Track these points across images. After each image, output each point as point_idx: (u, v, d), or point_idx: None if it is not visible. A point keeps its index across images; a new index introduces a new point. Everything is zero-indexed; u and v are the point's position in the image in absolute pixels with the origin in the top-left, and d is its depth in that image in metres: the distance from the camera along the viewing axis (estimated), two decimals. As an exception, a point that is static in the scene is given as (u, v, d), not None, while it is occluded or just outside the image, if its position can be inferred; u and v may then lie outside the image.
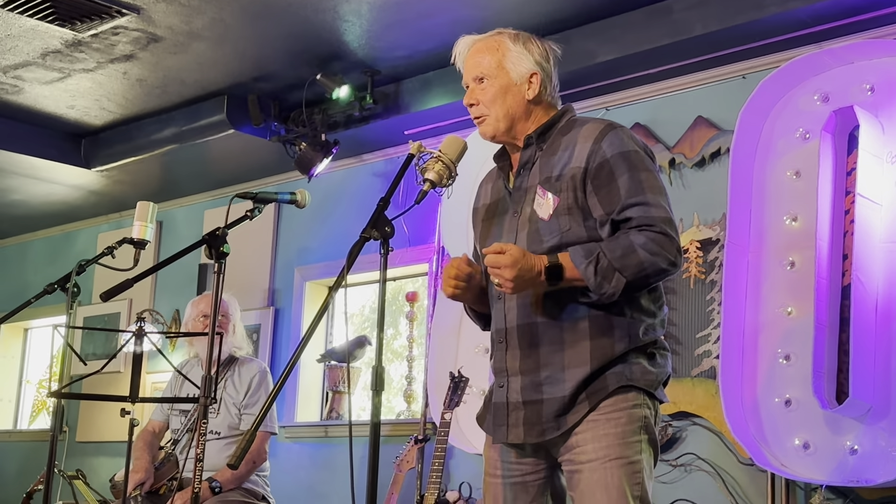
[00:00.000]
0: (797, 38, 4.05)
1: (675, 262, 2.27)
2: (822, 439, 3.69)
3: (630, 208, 2.29)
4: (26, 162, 6.12)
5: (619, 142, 2.35)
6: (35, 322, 7.70)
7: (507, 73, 2.47)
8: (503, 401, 2.41)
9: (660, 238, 2.25)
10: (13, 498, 6.60)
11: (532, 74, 2.46)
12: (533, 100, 2.46)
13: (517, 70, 2.46)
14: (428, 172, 2.43)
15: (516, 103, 2.47)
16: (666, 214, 2.29)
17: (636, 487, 2.27)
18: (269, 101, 5.33)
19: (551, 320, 2.34)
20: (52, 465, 3.12)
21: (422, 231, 5.21)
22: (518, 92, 2.46)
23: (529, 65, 2.46)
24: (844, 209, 3.85)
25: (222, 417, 4.20)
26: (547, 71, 2.48)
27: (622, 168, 2.31)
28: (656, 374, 2.34)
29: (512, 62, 2.47)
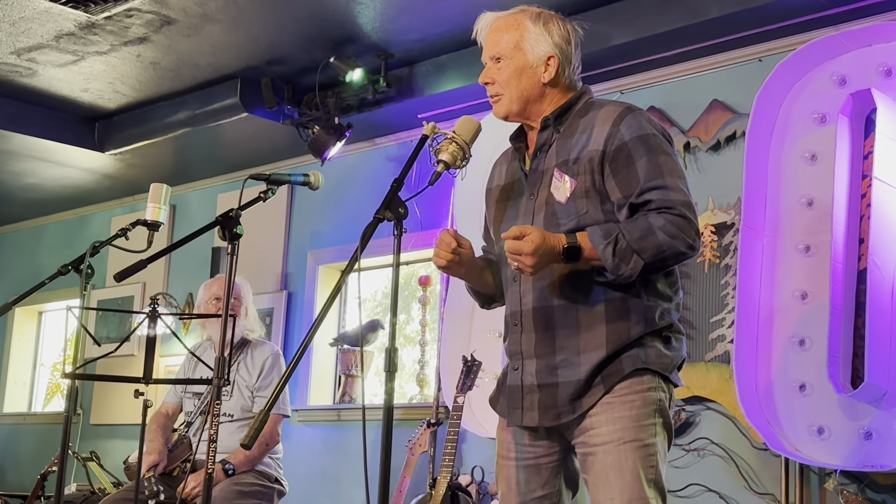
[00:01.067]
0: (814, 20, 4.02)
1: (693, 245, 2.25)
2: (837, 424, 3.67)
3: (649, 192, 2.27)
4: (40, 145, 6.13)
5: (637, 125, 2.33)
6: (49, 305, 7.74)
7: (525, 55, 2.43)
8: (518, 384, 2.40)
9: (679, 221, 2.23)
10: (28, 479, 6.64)
11: (549, 57, 2.42)
12: (549, 82, 2.43)
13: (534, 52, 2.42)
14: (442, 154, 2.42)
15: (531, 85, 2.43)
16: (685, 198, 2.27)
17: (650, 470, 2.26)
18: (282, 85, 5.32)
19: (568, 303, 2.33)
20: (66, 447, 3.12)
21: (435, 214, 5.20)
22: (534, 74, 2.43)
23: (547, 47, 2.42)
24: (861, 193, 3.82)
25: (235, 400, 4.21)
26: (566, 53, 2.43)
27: (640, 151, 2.29)
28: (671, 358, 2.33)
29: (530, 43, 2.43)
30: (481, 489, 4.68)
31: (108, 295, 6.90)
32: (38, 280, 3.45)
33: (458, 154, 2.43)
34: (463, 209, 4.87)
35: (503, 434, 2.48)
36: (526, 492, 2.41)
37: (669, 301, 2.36)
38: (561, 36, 2.44)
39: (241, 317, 4.31)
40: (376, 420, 5.05)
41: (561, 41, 2.43)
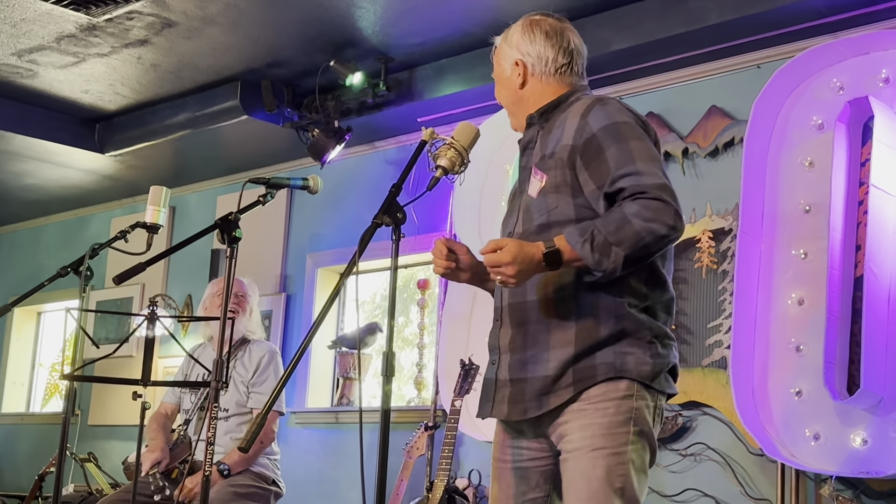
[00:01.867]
0: (813, 27, 4.03)
1: (674, 226, 2.17)
2: (833, 430, 3.68)
3: (621, 179, 2.23)
4: (40, 146, 6.14)
5: (604, 115, 2.31)
6: (48, 306, 7.75)
7: (502, 70, 2.55)
8: (493, 377, 2.41)
9: (654, 204, 2.17)
10: (25, 479, 6.64)
11: (515, 63, 2.50)
12: (523, 86, 2.50)
13: (506, 64, 2.53)
14: (440, 159, 2.43)
15: (511, 93, 2.54)
16: (659, 180, 2.21)
17: (618, 479, 2.21)
18: (282, 88, 5.33)
19: (542, 299, 2.32)
20: (64, 448, 3.13)
21: (434, 218, 5.21)
22: (510, 83, 2.53)
23: (513, 53, 2.51)
24: (858, 200, 3.83)
25: (230, 395, 4.22)
26: (534, 54, 2.47)
27: (609, 140, 2.27)
28: (653, 365, 2.28)
29: (502, 57, 2.54)
30: (478, 493, 4.69)
31: (106, 296, 6.91)
32: (36, 281, 3.46)
33: (457, 160, 2.44)
34: (461, 214, 4.88)
35: (498, 436, 2.49)
36: (517, 494, 2.40)
37: (645, 299, 2.30)
38: (522, 37, 2.50)
39: (245, 315, 4.33)
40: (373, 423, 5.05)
41: (522, 42, 2.50)
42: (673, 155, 4.45)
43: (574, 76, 2.50)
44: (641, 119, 2.36)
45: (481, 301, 4.84)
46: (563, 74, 2.48)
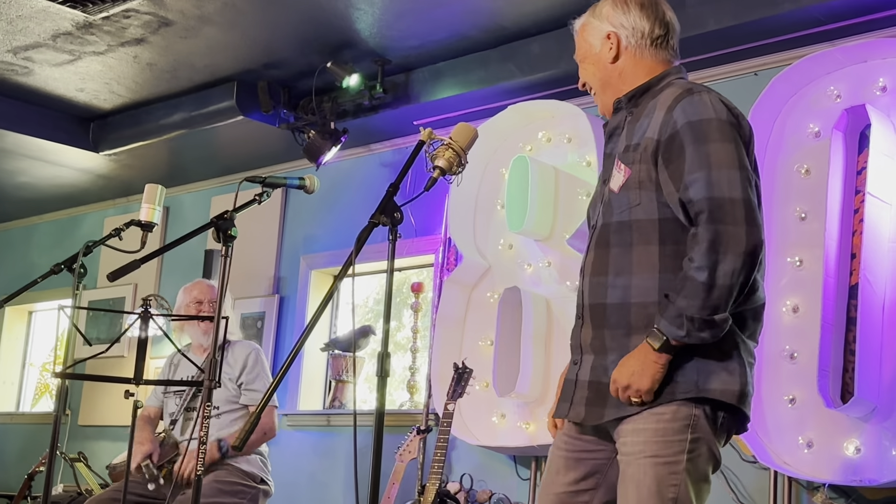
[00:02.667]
0: (810, 35, 4.04)
1: (747, 251, 2.05)
2: (826, 438, 3.68)
3: (691, 187, 2.12)
4: (34, 144, 6.12)
5: (692, 110, 2.18)
6: (39, 305, 7.72)
7: (591, 47, 2.42)
8: (573, 378, 2.34)
9: (717, 235, 2.06)
10: (14, 479, 6.61)
11: (607, 35, 2.38)
12: (615, 60, 2.38)
13: (595, 38, 2.40)
14: (438, 160, 2.43)
15: (601, 70, 2.40)
16: (725, 194, 2.08)
17: (671, 489, 2.13)
18: (278, 88, 5.32)
19: (620, 303, 2.24)
20: (54, 447, 3.11)
21: (428, 221, 5.20)
22: (599, 59, 2.40)
23: (604, 27, 2.39)
24: (854, 208, 3.83)
25: (220, 392, 4.20)
26: (629, 26, 2.36)
27: (690, 139, 2.16)
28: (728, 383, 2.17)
29: (590, 33, 2.42)
30: (470, 497, 4.68)
31: (99, 295, 6.89)
32: (28, 279, 3.44)
33: (455, 160, 2.44)
34: (456, 217, 4.87)
35: (562, 427, 2.43)
36: (565, 481, 2.34)
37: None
38: (615, 9, 2.39)
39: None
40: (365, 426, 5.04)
41: (614, 14, 2.38)
42: (669, 161, 4.44)
43: (670, 52, 2.38)
44: (734, 115, 2.22)
45: (475, 306, 4.83)
46: (658, 48, 2.37)
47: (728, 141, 2.15)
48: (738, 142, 2.17)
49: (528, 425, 4.48)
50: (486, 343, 4.70)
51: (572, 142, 4.58)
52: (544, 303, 4.51)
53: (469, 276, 4.85)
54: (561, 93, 4.70)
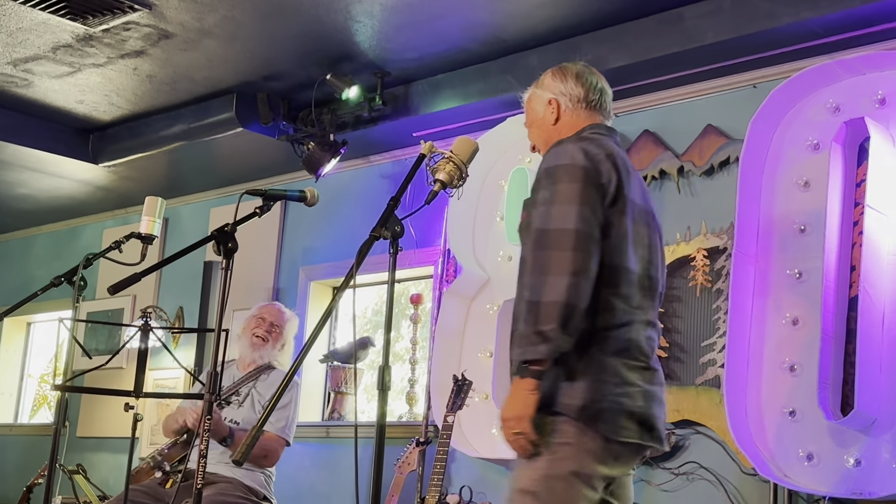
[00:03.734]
0: (809, 48, 4.05)
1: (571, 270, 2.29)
2: (826, 451, 3.68)
3: (533, 222, 2.38)
4: (33, 156, 6.12)
5: (552, 157, 2.45)
6: (38, 316, 7.71)
7: (536, 113, 2.72)
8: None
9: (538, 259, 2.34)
10: (12, 491, 6.59)
11: (549, 102, 2.68)
12: (556, 123, 2.67)
13: (539, 105, 2.70)
14: (439, 173, 2.45)
15: (544, 131, 2.69)
16: (556, 225, 2.33)
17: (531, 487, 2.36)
18: (278, 100, 5.33)
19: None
20: (54, 459, 3.11)
21: (427, 233, 5.20)
22: (543, 122, 2.69)
23: (546, 94, 2.69)
24: (853, 220, 3.84)
25: (245, 411, 4.24)
26: (567, 93, 2.67)
27: (544, 182, 2.42)
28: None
29: (536, 102, 2.72)
30: (469, 509, 4.67)
31: (98, 307, 6.88)
32: (27, 291, 3.44)
33: (455, 174, 2.46)
34: (456, 230, 4.88)
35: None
36: None
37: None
38: (553, 79, 2.71)
39: (275, 346, 4.39)
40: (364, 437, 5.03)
41: (554, 83, 2.70)
42: (668, 173, 4.45)
43: (602, 113, 2.69)
44: (592, 160, 2.42)
45: (474, 317, 4.83)
46: (592, 110, 2.68)
47: (574, 182, 2.38)
48: (586, 182, 2.39)
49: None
50: (486, 355, 4.70)
51: (571, 154, 4.59)
52: (544, 315, 4.51)
53: (468, 288, 4.85)
54: (560, 105, 4.71)
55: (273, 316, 4.47)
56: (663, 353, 4.25)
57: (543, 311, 2.28)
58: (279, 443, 4.25)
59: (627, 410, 2.38)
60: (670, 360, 4.26)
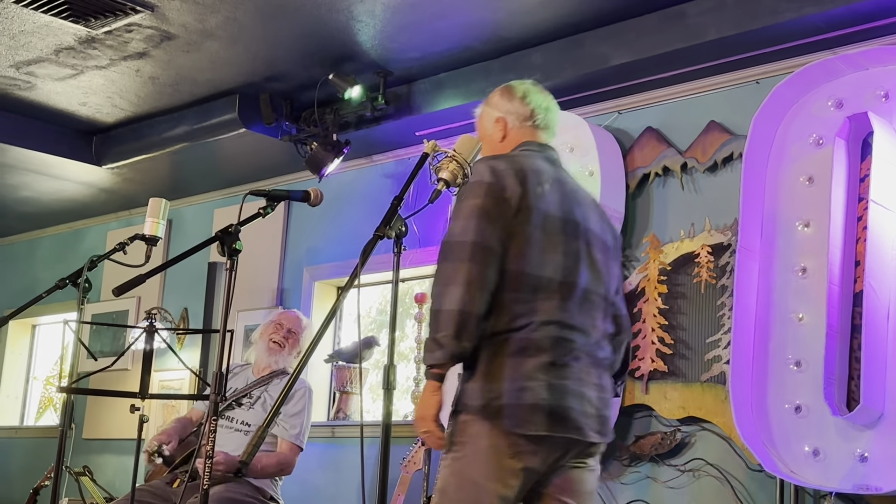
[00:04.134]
0: (812, 43, 4.04)
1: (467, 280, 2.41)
2: (832, 446, 3.68)
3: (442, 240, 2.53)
4: (37, 158, 6.13)
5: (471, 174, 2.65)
6: (43, 319, 7.72)
7: (486, 130, 2.84)
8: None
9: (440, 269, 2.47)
10: (18, 493, 6.60)
11: (496, 120, 2.80)
12: (503, 140, 2.79)
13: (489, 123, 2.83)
14: (442, 172, 2.45)
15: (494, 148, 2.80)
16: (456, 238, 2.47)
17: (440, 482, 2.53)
18: (280, 101, 5.33)
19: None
20: (61, 461, 3.11)
21: (431, 232, 5.20)
22: (492, 138, 2.81)
23: (495, 113, 2.82)
24: (857, 216, 3.83)
25: (256, 413, 4.25)
26: (513, 112, 2.80)
27: (457, 199, 2.58)
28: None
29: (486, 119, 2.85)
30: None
31: (102, 309, 6.88)
32: (32, 294, 3.45)
33: (459, 172, 2.47)
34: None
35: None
36: None
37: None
38: (501, 97, 2.84)
39: (290, 353, 4.44)
40: (370, 437, 5.03)
41: (502, 101, 2.83)
42: (672, 170, 4.45)
43: (546, 131, 2.83)
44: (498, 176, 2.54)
45: (479, 315, 4.82)
46: (536, 129, 2.80)
47: (477, 197, 2.51)
48: (489, 197, 2.51)
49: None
50: (491, 353, 4.69)
51: (574, 151, 4.59)
52: (548, 313, 4.51)
53: (473, 287, 4.84)
54: (563, 102, 4.67)
55: (291, 323, 4.53)
56: (668, 349, 4.26)
57: (441, 319, 2.43)
58: (294, 451, 4.28)
59: (530, 404, 2.47)
60: (675, 357, 4.26)
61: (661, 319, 4.32)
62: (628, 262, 4.51)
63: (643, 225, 4.51)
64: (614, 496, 4.35)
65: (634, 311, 4.39)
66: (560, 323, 2.55)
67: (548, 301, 2.54)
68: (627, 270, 4.49)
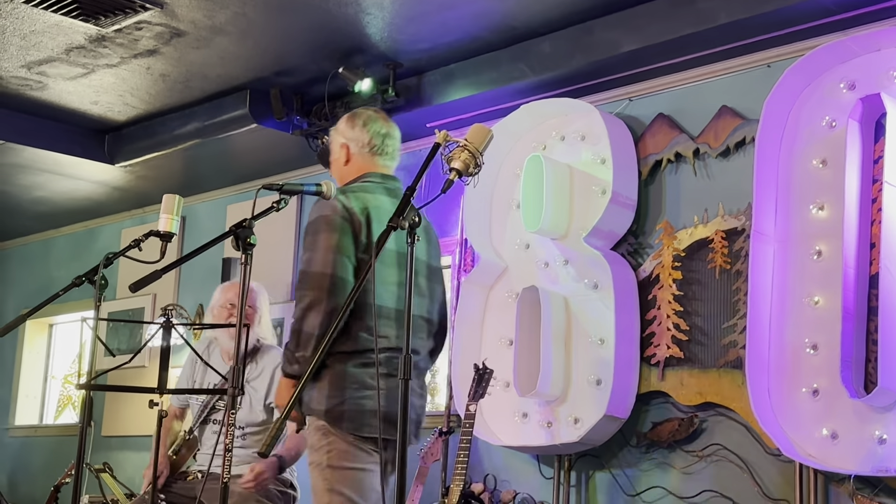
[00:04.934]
0: (823, 25, 4.02)
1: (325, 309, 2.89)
2: (850, 429, 3.67)
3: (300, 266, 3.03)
4: (50, 158, 6.16)
5: (314, 210, 3.02)
6: (60, 318, 7.76)
7: (333, 153, 3.26)
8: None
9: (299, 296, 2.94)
10: (40, 491, 6.65)
11: (341, 145, 3.22)
12: (346, 164, 3.22)
13: (336, 147, 3.25)
14: (454, 161, 2.44)
15: (339, 170, 3.26)
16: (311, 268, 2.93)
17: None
18: (291, 95, 5.34)
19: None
20: (81, 458, 3.13)
21: (445, 223, 5.20)
22: (338, 162, 3.25)
23: (340, 138, 3.24)
24: (872, 198, 3.82)
25: (244, 413, 4.14)
26: (355, 138, 3.20)
27: (309, 230, 3.03)
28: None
29: (333, 143, 3.27)
30: (494, 497, 4.68)
31: (118, 307, 6.92)
32: (47, 293, 3.46)
33: (471, 162, 2.45)
34: (472, 218, 4.88)
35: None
36: None
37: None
38: (345, 124, 3.23)
39: (255, 325, 4.28)
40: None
41: (346, 128, 3.22)
42: (684, 156, 4.44)
43: (385, 157, 3.21)
44: (349, 211, 2.97)
45: (493, 305, 4.84)
46: (375, 155, 3.19)
47: (330, 231, 2.95)
48: (341, 231, 2.96)
49: (551, 424, 4.48)
50: (506, 343, 4.70)
51: (586, 139, 4.58)
52: (563, 301, 4.51)
53: (486, 277, 4.85)
54: (573, 91, 4.70)
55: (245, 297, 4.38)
56: (684, 336, 4.25)
57: (302, 338, 2.89)
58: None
59: (370, 410, 2.89)
60: (691, 343, 4.26)
61: (677, 306, 4.31)
62: (641, 249, 4.50)
63: (656, 212, 4.50)
64: (632, 483, 4.35)
65: (649, 298, 4.39)
66: (395, 348, 2.98)
67: (387, 327, 2.98)
68: (641, 258, 4.49)
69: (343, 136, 3.20)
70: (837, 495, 3.80)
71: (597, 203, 4.45)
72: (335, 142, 3.23)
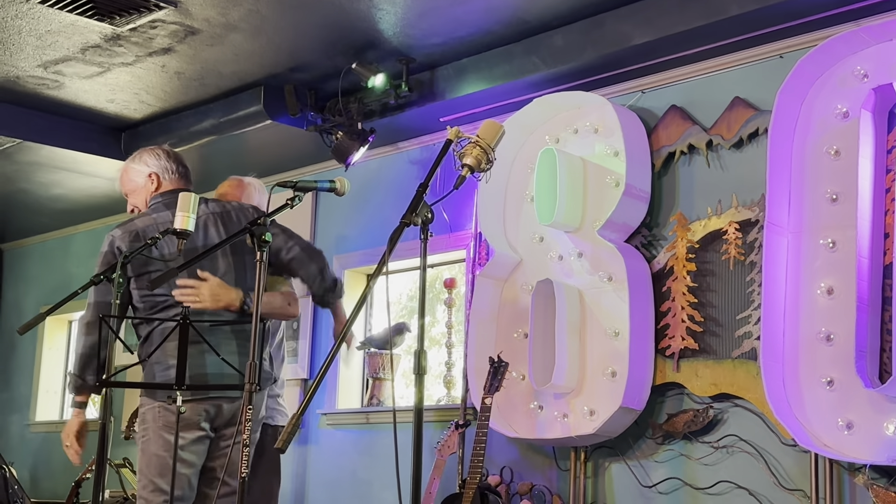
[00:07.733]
0: (835, 15, 4.01)
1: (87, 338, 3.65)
2: (865, 419, 3.67)
3: None
4: (68, 156, 6.21)
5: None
6: (78, 314, 7.78)
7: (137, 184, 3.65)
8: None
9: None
10: (61, 487, 6.71)
11: (149, 175, 3.60)
12: (157, 190, 3.61)
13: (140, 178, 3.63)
14: (466, 158, 2.46)
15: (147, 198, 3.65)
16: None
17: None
18: (305, 91, 5.36)
19: None
20: (103, 454, 3.17)
21: (459, 217, 5.22)
22: (146, 190, 3.63)
23: (146, 169, 3.62)
24: (885, 187, 3.82)
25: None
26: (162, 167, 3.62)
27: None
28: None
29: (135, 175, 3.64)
30: (511, 489, 4.71)
31: (136, 303, 6.95)
32: (67, 290, 3.49)
33: (483, 158, 2.47)
34: (486, 213, 4.90)
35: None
36: None
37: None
38: (150, 156, 3.65)
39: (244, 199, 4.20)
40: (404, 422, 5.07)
41: (152, 159, 3.64)
42: (697, 147, 4.44)
43: (187, 181, 3.67)
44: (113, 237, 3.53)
45: (508, 298, 4.86)
46: (181, 179, 3.63)
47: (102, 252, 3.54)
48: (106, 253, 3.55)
49: (566, 416, 4.50)
50: (521, 336, 4.72)
51: (599, 132, 4.59)
52: (577, 294, 4.53)
53: (501, 271, 4.87)
54: (586, 83, 4.71)
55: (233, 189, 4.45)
56: (698, 327, 4.26)
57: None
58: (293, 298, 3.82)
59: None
60: (706, 335, 4.27)
61: (691, 297, 4.32)
62: (655, 241, 4.51)
63: (670, 203, 4.51)
64: (648, 474, 4.37)
65: (663, 290, 4.40)
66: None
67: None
68: (655, 250, 4.50)
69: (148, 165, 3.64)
70: (853, 485, 3.80)
71: (610, 195, 4.46)
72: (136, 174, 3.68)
